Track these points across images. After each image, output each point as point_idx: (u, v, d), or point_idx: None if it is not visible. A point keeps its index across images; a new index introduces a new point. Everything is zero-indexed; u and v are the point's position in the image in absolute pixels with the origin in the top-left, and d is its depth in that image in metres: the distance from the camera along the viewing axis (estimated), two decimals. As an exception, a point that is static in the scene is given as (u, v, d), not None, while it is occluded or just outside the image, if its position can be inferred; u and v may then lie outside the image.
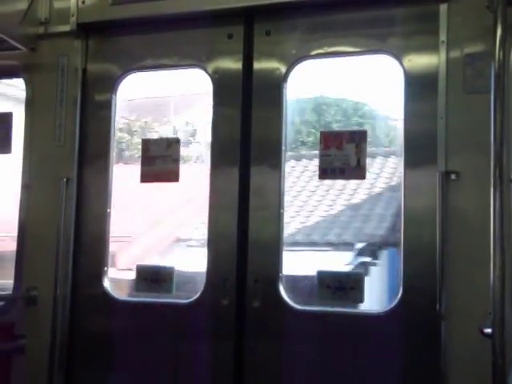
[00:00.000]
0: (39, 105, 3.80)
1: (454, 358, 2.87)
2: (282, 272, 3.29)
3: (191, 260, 4.70)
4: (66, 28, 3.73)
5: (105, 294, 3.60)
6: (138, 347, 3.50)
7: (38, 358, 3.56)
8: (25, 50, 3.78)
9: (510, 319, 2.70)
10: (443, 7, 3.05)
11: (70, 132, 3.70)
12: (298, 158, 6.24)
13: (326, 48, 3.37)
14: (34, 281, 3.66)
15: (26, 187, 3.76)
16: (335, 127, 6.50)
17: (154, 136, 6.28)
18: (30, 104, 3.83)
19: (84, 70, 3.75)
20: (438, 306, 2.89)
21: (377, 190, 6.24)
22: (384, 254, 5.80)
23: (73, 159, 3.67)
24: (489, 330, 2.66)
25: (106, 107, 3.71)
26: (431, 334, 2.92)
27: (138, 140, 4.77)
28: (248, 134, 3.40)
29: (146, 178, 3.63)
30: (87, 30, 3.76)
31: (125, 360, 3.52)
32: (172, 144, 3.57)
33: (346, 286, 3.17)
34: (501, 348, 2.58)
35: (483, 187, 2.78)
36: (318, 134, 3.35)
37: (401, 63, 3.20)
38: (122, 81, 3.73)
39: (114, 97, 3.71)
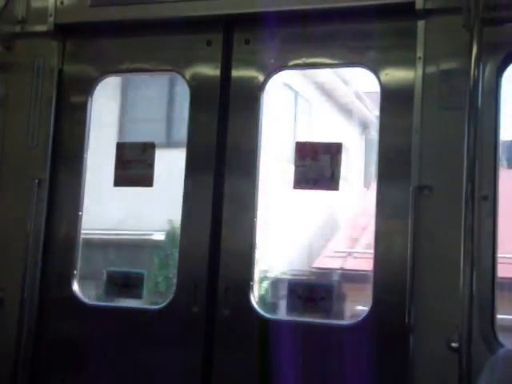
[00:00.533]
0: (13, 104, 3.75)
1: (421, 370, 2.89)
2: (253, 280, 3.29)
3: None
4: (43, 28, 3.69)
5: (74, 298, 3.56)
6: (106, 352, 3.46)
7: (2, 361, 3.51)
8: (0, 49, 3.74)
9: (477, 334, 2.74)
10: (421, 24, 3.08)
11: (44, 133, 3.65)
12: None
13: (304, 59, 3.39)
14: (1, 282, 3.60)
15: (-3, 187, 3.71)
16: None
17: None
18: (4, 103, 3.77)
19: (60, 71, 3.71)
20: (407, 319, 2.91)
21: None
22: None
23: (46, 160, 3.63)
24: (456, 345, 2.70)
25: (82, 109, 3.67)
26: (400, 346, 2.93)
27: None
28: (224, 142, 3.40)
29: (119, 181, 3.61)
30: (65, 30, 3.72)
31: (92, 365, 3.48)
32: (147, 149, 3.55)
33: (317, 296, 3.18)
34: (467, 362, 2.62)
35: (455, 203, 2.83)
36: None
37: (377, 77, 3.23)
38: (98, 83, 3.70)
39: (89, 99, 3.68)
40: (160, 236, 8.87)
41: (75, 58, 3.74)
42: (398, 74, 3.20)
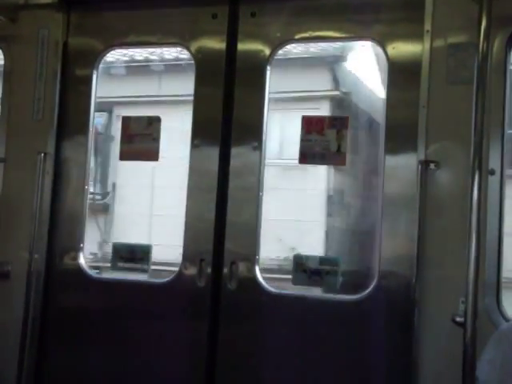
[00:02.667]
0: (18, 77, 3.74)
1: (426, 344, 2.91)
2: (258, 255, 3.30)
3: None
4: (47, 0, 3.66)
5: (79, 271, 3.58)
6: (112, 325, 3.49)
7: (10, 334, 3.54)
8: (4, 20, 3.71)
9: (482, 309, 2.75)
10: (429, -4, 3.05)
11: (49, 106, 3.64)
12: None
13: (310, 32, 3.36)
14: (8, 255, 3.62)
15: (2, 161, 3.70)
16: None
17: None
18: (8, 76, 3.76)
19: (65, 44, 3.70)
20: (412, 293, 2.92)
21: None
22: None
23: (51, 134, 3.63)
24: (461, 319, 2.70)
25: (87, 82, 3.66)
26: (405, 319, 2.94)
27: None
28: (229, 115, 3.38)
29: (124, 156, 3.61)
30: (69, 2, 3.69)
31: (98, 337, 3.51)
32: (153, 122, 3.54)
33: (322, 270, 3.19)
34: (472, 337, 2.62)
35: (462, 177, 2.82)
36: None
37: (385, 50, 3.20)
38: (103, 56, 3.68)
39: (94, 72, 3.66)
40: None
41: (80, 31, 3.72)
42: (405, 48, 3.17)
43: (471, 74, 2.82)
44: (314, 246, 5.12)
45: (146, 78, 6.12)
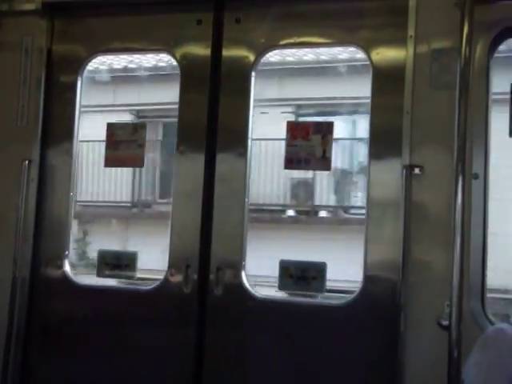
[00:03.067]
0: (1, 84, 3.72)
1: (412, 348, 2.91)
2: (245, 260, 3.30)
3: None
4: (31, 6, 3.65)
5: (65, 278, 3.56)
6: (97, 332, 3.47)
7: (-5, 342, 3.52)
8: (-13, 28, 3.70)
9: (467, 312, 2.77)
10: (412, 2, 3.06)
11: (34, 113, 3.63)
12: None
13: (295, 38, 3.37)
14: (-8, 263, 3.60)
15: (-14, 168, 3.68)
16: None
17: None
18: (-8, 83, 3.75)
19: (49, 51, 3.68)
20: (397, 297, 2.93)
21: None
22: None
23: (35, 141, 3.61)
24: (446, 322, 2.72)
25: (71, 89, 3.65)
26: (390, 323, 2.95)
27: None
28: (215, 121, 3.39)
29: (110, 162, 3.60)
30: (53, 9, 3.68)
31: (83, 344, 3.49)
32: (138, 129, 3.54)
33: (308, 275, 3.19)
34: (457, 340, 2.64)
35: (446, 182, 2.84)
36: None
37: (369, 56, 3.21)
38: (88, 63, 3.67)
39: (79, 79, 3.65)
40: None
41: (64, 38, 3.70)
42: (389, 53, 3.18)
43: (454, 78, 2.84)
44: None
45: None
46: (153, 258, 3.86)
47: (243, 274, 3.28)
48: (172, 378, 3.33)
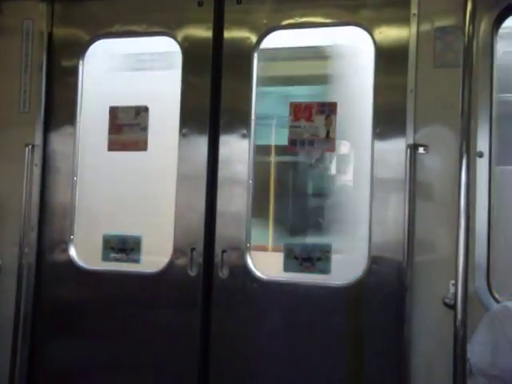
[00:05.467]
0: (2, 69, 3.71)
1: (418, 327, 2.92)
2: (249, 242, 3.30)
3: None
4: (30, -10, 3.64)
5: (70, 263, 3.57)
6: (105, 316, 3.48)
7: (2, 328, 3.53)
8: (-13, 12, 3.68)
9: (472, 291, 2.77)
10: (415, -20, 3.04)
11: (36, 98, 3.62)
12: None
13: (297, 18, 3.34)
14: (-2, 249, 3.61)
15: (-10, 154, 3.68)
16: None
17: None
18: (-7, 68, 3.73)
19: (50, 35, 3.67)
20: (403, 277, 2.93)
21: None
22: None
23: (38, 125, 3.61)
24: (452, 302, 2.71)
25: (73, 73, 3.64)
26: (396, 303, 2.96)
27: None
28: (217, 104, 3.37)
29: (113, 146, 3.59)
30: (53, -7, 3.66)
31: (90, 328, 3.51)
32: (140, 112, 3.52)
33: (313, 256, 3.19)
34: (462, 319, 2.63)
35: (451, 160, 2.83)
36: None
37: (372, 36, 3.19)
38: (89, 47, 3.65)
39: (81, 62, 3.63)
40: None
41: (64, 21, 3.69)
42: (392, 32, 3.16)
43: (458, 57, 2.82)
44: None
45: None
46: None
47: (248, 255, 3.28)
48: (178, 360, 3.34)
